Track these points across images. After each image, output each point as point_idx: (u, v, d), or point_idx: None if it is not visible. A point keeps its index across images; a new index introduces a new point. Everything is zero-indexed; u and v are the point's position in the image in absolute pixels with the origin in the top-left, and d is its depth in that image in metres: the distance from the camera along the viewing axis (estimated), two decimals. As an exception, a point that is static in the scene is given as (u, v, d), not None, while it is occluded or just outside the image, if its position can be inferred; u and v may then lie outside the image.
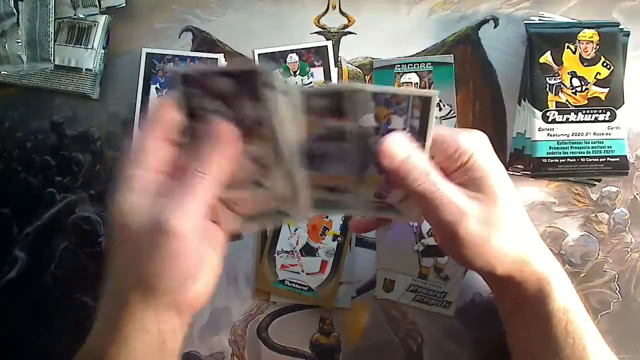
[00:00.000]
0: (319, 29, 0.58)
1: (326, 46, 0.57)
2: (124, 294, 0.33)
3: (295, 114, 0.33)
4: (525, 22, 0.55)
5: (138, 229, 0.32)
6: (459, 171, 0.36)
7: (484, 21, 0.57)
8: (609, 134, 0.52)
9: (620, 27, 0.54)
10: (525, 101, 0.54)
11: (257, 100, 0.31)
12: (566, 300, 0.38)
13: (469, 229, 0.35)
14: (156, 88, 0.56)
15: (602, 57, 0.53)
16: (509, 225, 0.36)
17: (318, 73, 0.57)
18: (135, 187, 0.32)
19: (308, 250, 0.55)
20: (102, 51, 0.57)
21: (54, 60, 0.56)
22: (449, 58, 0.56)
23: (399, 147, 0.34)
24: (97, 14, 0.58)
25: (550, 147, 0.52)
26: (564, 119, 0.53)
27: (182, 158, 0.34)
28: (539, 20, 0.56)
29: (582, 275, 0.54)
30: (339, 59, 0.58)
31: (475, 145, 0.36)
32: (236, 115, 0.32)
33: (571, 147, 0.52)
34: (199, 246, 0.33)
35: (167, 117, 0.33)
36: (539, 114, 0.53)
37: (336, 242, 0.54)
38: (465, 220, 0.35)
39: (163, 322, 0.34)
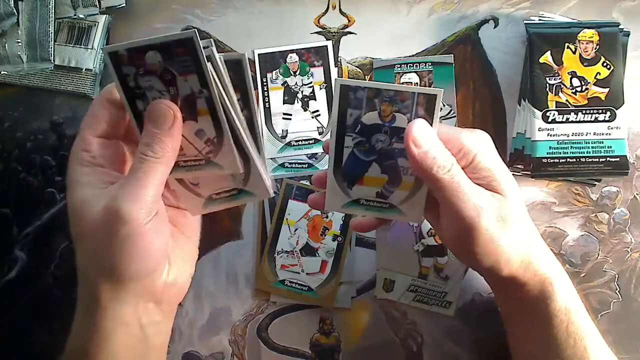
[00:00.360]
0: (319, 29, 0.58)
1: (326, 46, 0.57)
2: (93, 288, 0.33)
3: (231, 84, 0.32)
4: (525, 22, 0.55)
5: (92, 220, 0.31)
6: (464, 171, 0.36)
7: (484, 21, 0.57)
8: (609, 134, 0.52)
9: (620, 27, 0.54)
10: (525, 101, 0.54)
11: (192, 72, 0.30)
12: (567, 301, 0.38)
13: (487, 224, 0.34)
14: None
15: (602, 57, 0.53)
16: (517, 225, 0.36)
17: (318, 73, 0.57)
18: (82, 181, 0.33)
19: (308, 250, 0.55)
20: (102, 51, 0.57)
21: (54, 60, 0.56)
22: (449, 58, 0.56)
23: (425, 134, 0.34)
24: (97, 14, 0.58)
25: (550, 147, 0.52)
26: (564, 119, 0.53)
27: (121, 147, 0.34)
28: (539, 20, 0.56)
29: (582, 275, 0.54)
30: (339, 59, 0.58)
31: (479, 144, 0.36)
32: (174, 90, 0.31)
33: (571, 147, 0.52)
34: (160, 230, 0.33)
35: (103, 113, 0.34)
36: (539, 114, 0.53)
37: (336, 242, 0.54)
38: (483, 215, 0.34)
39: (143, 315, 0.34)
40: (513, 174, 0.54)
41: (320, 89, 0.57)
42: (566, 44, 0.53)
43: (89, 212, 0.32)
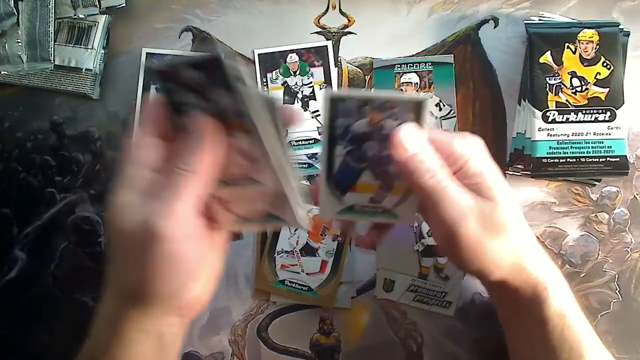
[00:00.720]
0: (319, 29, 0.58)
1: (326, 46, 0.57)
2: (121, 300, 0.33)
3: (269, 106, 0.32)
4: (525, 22, 0.55)
5: (129, 232, 0.31)
6: (455, 176, 0.36)
7: (484, 21, 0.57)
8: (609, 134, 0.52)
9: (620, 27, 0.54)
10: (525, 101, 0.54)
11: (228, 90, 0.30)
12: (563, 306, 0.38)
13: (468, 230, 0.34)
14: (156, 88, 0.56)
15: (602, 57, 0.53)
16: (507, 230, 0.36)
17: (318, 73, 0.57)
18: (129, 185, 0.32)
19: (308, 250, 0.55)
20: (102, 51, 0.57)
21: (54, 60, 0.56)
22: (449, 58, 0.56)
23: (412, 138, 0.34)
24: (97, 14, 0.58)
25: (550, 147, 0.52)
26: (564, 119, 0.53)
27: (170, 154, 0.33)
28: (539, 20, 0.56)
29: (582, 275, 0.54)
30: (339, 59, 0.58)
31: (470, 150, 0.36)
32: (215, 107, 0.31)
33: (571, 147, 0.52)
34: (194, 247, 0.32)
35: (159, 112, 0.33)
36: (539, 114, 0.53)
37: (336, 242, 0.54)
38: (466, 221, 0.34)
39: (165, 327, 0.34)
40: (513, 174, 0.55)
41: (320, 89, 0.57)
42: (566, 44, 0.53)
43: (127, 222, 0.31)
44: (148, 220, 0.30)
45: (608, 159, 0.52)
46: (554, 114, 0.53)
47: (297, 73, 0.57)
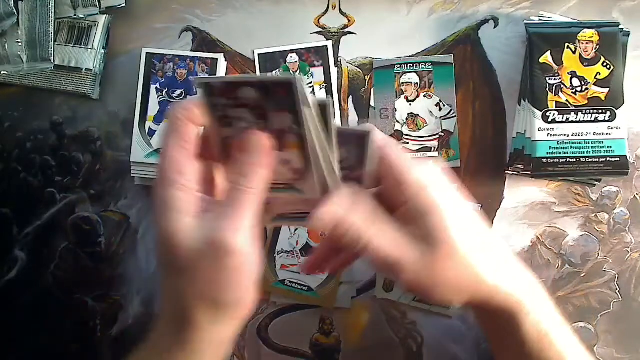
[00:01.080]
0: (319, 29, 0.58)
1: (326, 46, 0.57)
2: (188, 314, 0.33)
3: (322, 123, 0.33)
4: (525, 22, 0.55)
5: (192, 250, 0.32)
6: (404, 208, 0.35)
7: (484, 21, 0.57)
8: (609, 134, 0.52)
9: (620, 27, 0.54)
10: (525, 101, 0.54)
11: (286, 110, 0.31)
12: (543, 325, 0.37)
13: (408, 279, 0.34)
14: (156, 88, 0.56)
15: (602, 57, 0.53)
16: (462, 260, 0.34)
17: (318, 73, 0.57)
18: (178, 208, 0.32)
19: (308, 250, 0.54)
20: (102, 51, 0.57)
21: (54, 60, 0.56)
22: (449, 58, 0.56)
23: (329, 216, 0.34)
24: (97, 14, 0.58)
25: (550, 147, 0.52)
26: (564, 119, 0.53)
27: (210, 170, 0.34)
28: (539, 20, 0.56)
29: (582, 275, 0.54)
30: (339, 59, 0.58)
31: (422, 183, 0.34)
32: (269, 125, 0.32)
33: (571, 147, 0.52)
34: (256, 257, 0.33)
35: (191, 131, 0.33)
36: (539, 114, 0.53)
37: (336, 242, 0.54)
38: (402, 273, 0.34)
39: (228, 332, 0.35)
40: (513, 174, 0.55)
41: (320, 89, 0.57)
42: (566, 44, 0.53)
43: (188, 242, 0.32)
44: (216, 237, 0.31)
45: (608, 159, 0.52)
46: (554, 114, 0.53)
47: (297, 73, 0.57)
